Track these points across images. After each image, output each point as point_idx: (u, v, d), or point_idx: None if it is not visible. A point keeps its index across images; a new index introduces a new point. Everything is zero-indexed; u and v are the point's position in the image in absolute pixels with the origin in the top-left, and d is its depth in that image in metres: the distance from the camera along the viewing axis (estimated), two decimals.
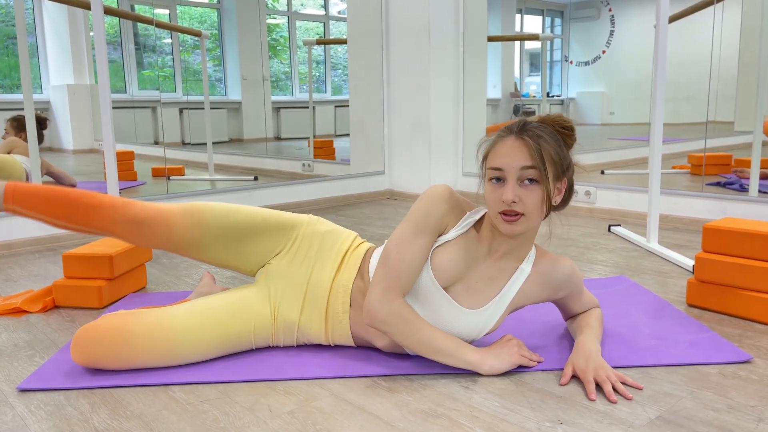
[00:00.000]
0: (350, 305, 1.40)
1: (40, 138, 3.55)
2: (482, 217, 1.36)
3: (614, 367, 1.33)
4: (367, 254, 1.45)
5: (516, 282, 1.36)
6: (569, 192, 1.32)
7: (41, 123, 3.58)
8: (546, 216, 1.31)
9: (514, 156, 1.22)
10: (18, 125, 3.61)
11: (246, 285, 1.48)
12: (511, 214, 1.23)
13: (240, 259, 1.47)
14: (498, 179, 1.24)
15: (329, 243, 1.46)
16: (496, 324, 1.37)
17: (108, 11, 3.48)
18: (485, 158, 1.29)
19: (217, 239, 1.44)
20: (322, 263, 1.43)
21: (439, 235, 1.34)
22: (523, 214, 1.23)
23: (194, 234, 1.42)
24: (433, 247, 1.32)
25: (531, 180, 1.22)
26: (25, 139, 3.49)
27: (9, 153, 3.51)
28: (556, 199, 1.28)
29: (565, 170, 1.27)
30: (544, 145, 1.23)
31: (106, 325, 1.33)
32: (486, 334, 1.38)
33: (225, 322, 1.38)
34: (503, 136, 1.26)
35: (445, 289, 1.33)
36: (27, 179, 3.44)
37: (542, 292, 1.40)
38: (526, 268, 1.36)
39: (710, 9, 3.45)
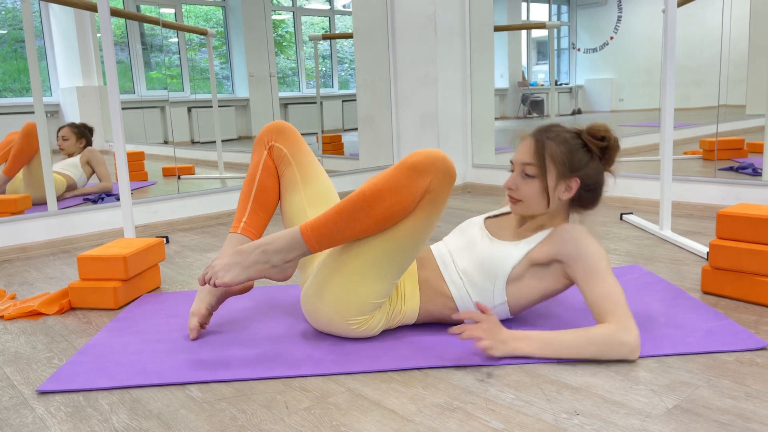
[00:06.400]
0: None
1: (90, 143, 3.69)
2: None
3: None
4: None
5: (540, 235, 1.48)
6: (590, 193, 1.47)
7: (90, 131, 3.73)
8: (559, 206, 1.48)
9: (521, 153, 1.47)
10: (78, 132, 3.70)
11: None
12: (513, 198, 1.49)
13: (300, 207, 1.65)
14: (512, 170, 1.51)
15: None
16: (514, 295, 1.48)
17: (114, 13, 3.49)
18: None
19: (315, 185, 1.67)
20: None
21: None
22: (521, 200, 1.47)
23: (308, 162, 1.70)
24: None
25: (528, 175, 1.45)
26: (84, 146, 3.59)
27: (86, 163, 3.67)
28: (564, 195, 1.46)
29: (572, 170, 1.43)
30: (550, 148, 1.43)
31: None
32: (507, 311, 1.50)
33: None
34: (526, 136, 1.49)
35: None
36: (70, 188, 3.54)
37: (548, 245, 1.45)
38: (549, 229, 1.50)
39: None
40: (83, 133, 3.71)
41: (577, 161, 1.43)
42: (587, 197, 1.48)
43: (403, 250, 1.40)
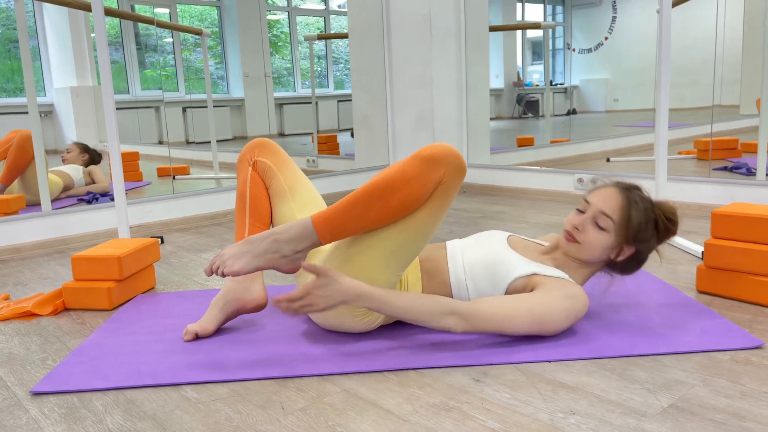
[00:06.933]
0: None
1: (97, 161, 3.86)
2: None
3: (624, 357, 1.33)
4: None
5: (554, 272, 1.47)
6: (635, 263, 1.51)
7: (99, 155, 3.90)
8: (601, 262, 1.51)
9: (603, 201, 1.47)
10: (83, 148, 3.84)
11: None
12: (570, 236, 1.49)
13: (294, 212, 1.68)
14: (581, 210, 1.49)
15: None
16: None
17: (109, 12, 3.48)
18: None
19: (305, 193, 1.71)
20: None
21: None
22: (578, 242, 1.47)
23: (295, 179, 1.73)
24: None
25: (600, 225, 1.46)
26: (87, 162, 3.70)
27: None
28: (616, 257, 1.48)
29: (636, 241, 1.46)
30: (633, 211, 1.44)
31: None
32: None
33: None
34: (611, 185, 1.50)
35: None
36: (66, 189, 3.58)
37: (551, 281, 1.45)
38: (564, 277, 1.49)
39: None
40: (87, 149, 3.83)
41: (645, 234, 1.46)
42: (628, 266, 1.52)
43: (413, 242, 1.40)
